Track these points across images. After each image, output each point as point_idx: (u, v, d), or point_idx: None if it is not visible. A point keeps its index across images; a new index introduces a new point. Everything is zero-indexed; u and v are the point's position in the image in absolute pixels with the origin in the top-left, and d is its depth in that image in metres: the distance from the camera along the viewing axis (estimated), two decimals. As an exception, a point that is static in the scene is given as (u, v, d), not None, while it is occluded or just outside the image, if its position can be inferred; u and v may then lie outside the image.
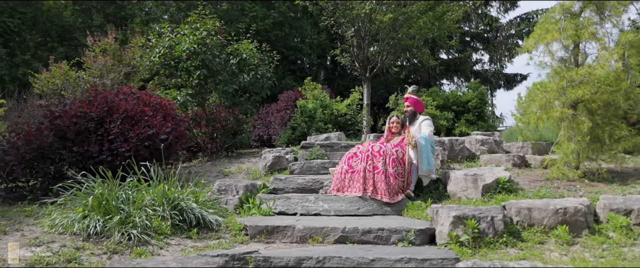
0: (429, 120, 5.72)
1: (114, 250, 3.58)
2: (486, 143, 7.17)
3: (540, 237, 3.80)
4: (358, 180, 5.00)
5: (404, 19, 12.54)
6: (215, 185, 5.26)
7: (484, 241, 3.70)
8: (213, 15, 9.31)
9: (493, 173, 5.16)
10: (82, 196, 4.21)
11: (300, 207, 4.81)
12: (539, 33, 5.92)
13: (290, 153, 7.01)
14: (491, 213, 3.81)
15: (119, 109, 5.84)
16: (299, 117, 9.77)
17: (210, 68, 8.32)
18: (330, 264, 3.23)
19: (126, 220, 3.90)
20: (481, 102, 11.41)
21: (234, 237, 4.12)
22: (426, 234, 3.91)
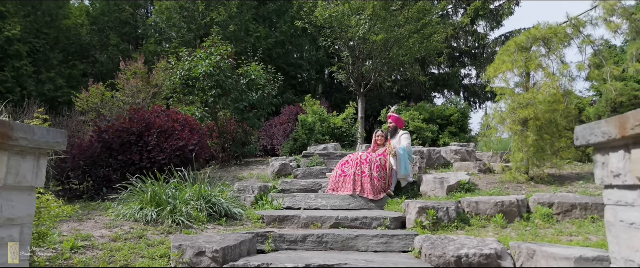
0: (407, 134, 7.06)
1: (169, 232, 4.88)
2: (459, 153, 8.49)
3: (484, 223, 5.12)
4: (349, 182, 6.32)
5: (395, 40, 13.93)
6: (236, 186, 6.57)
7: (440, 225, 5.02)
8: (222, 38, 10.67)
9: (457, 177, 6.48)
10: (138, 193, 5.52)
11: (304, 203, 6.12)
12: (497, 64, 7.30)
13: (294, 161, 8.33)
14: (447, 205, 5.14)
15: (155, 125, 7.17)
16: (300, 130, 11.11)
17: (224, 88, 9.67)
18: (326, 239, 4.55)
19: (174, 211, 5.21)
20: (463, 116, 12.76)
21: (254, 224, 5.43)
22: (399, 221, 5.22)
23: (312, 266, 3.69)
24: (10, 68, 13.58)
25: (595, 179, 1.85)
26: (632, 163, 1.55)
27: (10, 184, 1.80)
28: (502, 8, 20.96)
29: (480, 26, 22.04)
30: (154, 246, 4.37)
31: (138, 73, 9.37)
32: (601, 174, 1.80)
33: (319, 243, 4.56)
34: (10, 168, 1.78)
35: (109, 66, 17.35)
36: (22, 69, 13.84)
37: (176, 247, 3.90)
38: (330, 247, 4.55)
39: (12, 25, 13.75)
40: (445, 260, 3.81)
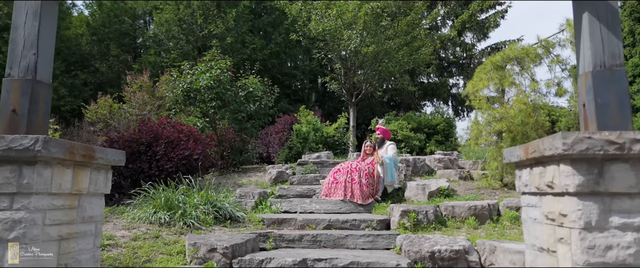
0: (393, 144, 7.76)
1: (181, 232, 5.52)
2: (442, 161, 9.20)
3: (458, 224, 5.82)
4: (341, 188, 6.99)
5: (385, 52, 14.67)
6: (237, 192, 7.23)
7: (420, 226, 5.71)
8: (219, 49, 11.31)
9: (437, 183, 7.19)
10: (150, 198, 6.16)
11: (300, 207, 6.78)
12: (475, 81, 8.03)
13: (289, 168, 8.99)
14: (427, 209, 5.84)
15: (163, 136, 7.81)
16: (295, 139, 11.78)
17: (223, 99, 10.31)
18: (320, 238, 5.22)
19: (184, 214, 5.85)
20: (448, 125, 13.49)
21: (255, 225, 6.08)
22: (384, 223, 5.90)
23: (308, 260, 4.37)
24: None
25: (516, 188, 2.54)
26: (533, 177, 2.25)
27: (91, 191, 2.45)
28: (488, 20, 21.83)
29: (468, 37, 22.91)
30: (170, 244, 5.02)
31: (143, 86, 10.00)
32: (519, 184, 2.49)
33: (313, 242, 5.24)
34: (91, 180, 2.44)
35: (109, 75, 17.94)
36: None
37: (191, 245, 4.56)
38: (324, 245, 5.22)
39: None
40: (421, 255, 4.50)
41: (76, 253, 2.33)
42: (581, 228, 1.92)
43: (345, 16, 13.94)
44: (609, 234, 1.90)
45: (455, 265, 4.47)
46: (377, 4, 13.52)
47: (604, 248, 1.88)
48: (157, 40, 17.09)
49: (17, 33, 2.42)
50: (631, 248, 1.88)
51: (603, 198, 1.93)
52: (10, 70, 2.40)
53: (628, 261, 1.87)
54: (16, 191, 2.06)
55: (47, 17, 2.48)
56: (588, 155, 1.92)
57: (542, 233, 2.23)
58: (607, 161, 1.94)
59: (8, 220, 2.04)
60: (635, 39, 16.39)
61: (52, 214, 2.16)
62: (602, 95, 2.20)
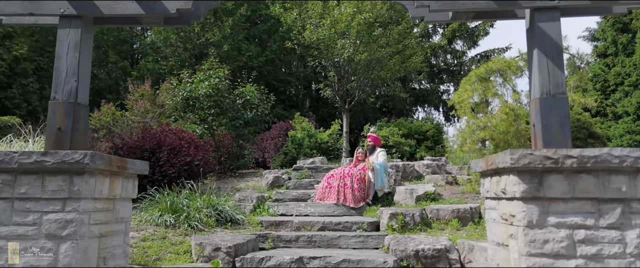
0: (384, 151, 8.24)
1: (185, 234, 5.96)
2: (430, 167, 9.69)
3: (443, 226, 6.30)
4: (334, 192, 7.46)
5: (377, 61, 15.18)
6: (236, 196, 7.67)
7: (407, 228, 6.19)
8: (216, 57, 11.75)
9: (425, 188, 7.68)
10: (155, 202, 6.59)
11: (295, 210, 7.24)
12: (460, 92, 8.55)
13: (285, 174, 9.44)
14: (413, 212, 6.32)
15: (165, 143, 8.24)
16: (290, 145, 12.24)
17: (222, 107, 10.76)
18: (315, 239, 5.68)
19: (188, 217, 6.29)
20: (438, 131, 14.02)
21: (254, 227, 6.53)
22: (374, 225, 6.37)
23: (304, 258, 4.83)
24: (18, 85, 14.49)
25: (481, 193, 3.03)
26: (492, 185, 2.73)
27: (123, 196, 2.90)
28: (477, 29, 22.46)
29: (458, 45, 23.54)
30: (177, 244, 5.46)
31: (145, 95, 10.43)
32: (482, 190, 2.98)
33: (309, 242, 5.70)
34: (123, 187, 2.89)
35: (108, 81, 18.30)
36: (29, 86, 14.76)
37: (198, 244, 5.01)
38: (318, 245, 5.69)
39: (19, 44, 14.69)
40: (406, 253, 4.98)
41: (111, 248, 2.78)
42: (525, 226, 2.40)
43: (338, 26, 14.44)
44: (546, 231, 2.38)
45: (437, 262, 4.95)
46: (370, 15, 14.03)
47: (542, 242, 2.36)
48: (155, 47, 17.50)
49: (60, 62, 2.87)
50: (563, 242, 2.36)
51: (542, 202, 2.41)
52: (55, 94, 2.85)
53: (561, 252, 2.34)
54: (68, 196, 2.50)
55: (85, 49, 2.93)
56: (530, 167, 2.40)
57: (499, 231, 2.71)
58: (546, 172, 2.42)
59: (61, 220, 2.48)
60: (618, 49, 17.07)
61: (95, 215, 2.61)
62: (547, 118, 2.69)
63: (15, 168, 2.50)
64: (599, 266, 2.32)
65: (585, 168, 2.40)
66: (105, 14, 2.93)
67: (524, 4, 2.82)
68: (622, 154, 2.38)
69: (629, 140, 14.98)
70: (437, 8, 2.81)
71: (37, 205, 2.50)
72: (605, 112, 16.58)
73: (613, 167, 2.38)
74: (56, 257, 2.44)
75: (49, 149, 2.74)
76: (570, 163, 2.38)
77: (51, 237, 2.48)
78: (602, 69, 17.28)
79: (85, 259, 2.53)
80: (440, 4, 2.79)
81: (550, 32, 2.80)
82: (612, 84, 16.74)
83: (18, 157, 2.49)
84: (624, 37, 16.86)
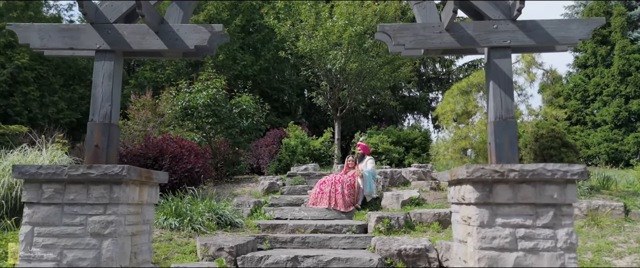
0: (372, 159, 8.85)
1: (189, 236, 6.51)
2: (417, 173, 10.30)
3: (425, 229, 6.91)
4: (326, 198, 8.04)
5: (367, 71, 15.82)
6: (234, 201, 8.22)
7: (393, 230, 6.79)
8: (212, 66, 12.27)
9: (410, 193, 8.28)
10: (160, 207, 7.12)
11: (290, 215, 7.81)
12: (443, 104, 9.20)
13: (280, 180, 10.01)
14: (398, 215, 6.92)
15: (167, 151, 8.78)
16: (284, 152, 12.81)
17: (219, 116, 11.31)
18: (308, 240, 6.26)
19: (191, 220, 6.83)
20: (425, 139, 14.66)
21: (252, 230, 7.09)
22: (362, 228, 6.96)
23: (299, 257, 5.41)
24: (19, 93, 14.94)
25: (448, 199, 3.63)
26: (455, 192, 3.34)
27: (148, 201, 3.47)
28: (465, 39, 23.20)
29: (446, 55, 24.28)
30: (182, 245, 6.01)
31: (146, 104, 10.96)
32: (449, 196, 3.58)
33: (303, 243, 6.28)
34: (148, 194, 3.45)
35: (105, 89, 18.75)
36: (30, 94, 15.21)
37: (203, 245, 5.56)
38: (311, 245, 6.27)
39: (20, 54, 15.14)
40: (390, 252, 5.58)
41: (140, 245, 3.33)
42: (478, 225, 3.00)
43: (330, 37, 15.07)
44: (494, 229, 2.98)
45: (418, 260, 5.55)
46: (361, 28, 14.67)
47: (491, 238, 2.96)
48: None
49: (97, 90, 3.44)
50: (508, 238, 2.96)
51: (492, 207, 3.01)
52: (93, 116, 3.41)
53: (505, 246, 2.95)
54: (108, 202, 3.06)
55: (116, 78, 3.50)
56: (482, 179, 3.01)
57: (460, 230, 3.31)
58: (494, 183, 3.03)
59: (103, 221, 3.03)
60: (598, 60, 17.89)
61: (128, 218, 3.17)
62: (499, 137, 3.30)
63: (65, 179, 3.06)
64: (535, 257, 2.93)
65: (525, 179, 3.01)
66: (133, 49, 3.50)
67: (481, 44, 3.44)
68: (554, 169, 2.99)
69: (606, 148, 15.75)
70: (410, 47, 3.42)
71: (83, 209, 3.06)
72: (585, 120, 17.35)
73: (547, 178, 2.99)
74: (100, 251, 2.99)
75: (88, 162, 3.30)
76: (513, 175, 2.99)
77: (95, 235, 3.03)
78: (582, 79, 18.08)
79: (123, 253, 3.08)
80: (412, 43, 3.40)
81: (503, 67, 3.42)
82: (592, 94, 17.53)
83: (68, 170, 3.05)
84: (603, 49, 17.68)
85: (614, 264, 4.86)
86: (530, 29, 3.43)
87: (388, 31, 3.47)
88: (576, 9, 21.00)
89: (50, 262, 2.97)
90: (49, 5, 18.51)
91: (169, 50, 3.51)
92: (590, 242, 5.64)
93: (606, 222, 6.42)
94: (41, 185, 3.08)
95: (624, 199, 7.51)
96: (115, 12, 3.54)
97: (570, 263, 2.91)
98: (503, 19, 3.47)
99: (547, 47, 3.55)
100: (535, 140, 9.20)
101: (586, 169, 3.05)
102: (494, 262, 2.95)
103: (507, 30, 3.44)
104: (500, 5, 3.49)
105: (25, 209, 3.09)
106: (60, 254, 2.98)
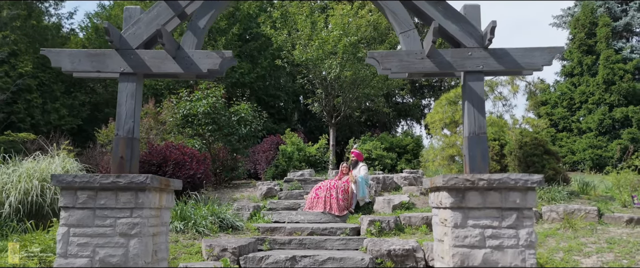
0: (365, 166, 9.36)
1: (194, 238, 6.97)
2: (407, 179, 10.81)
3: (414, 231, 7.41)
4: (321, 202, 8.53)
5: (361, 79, 16.36)
6: (235, 206, 8.70)
7: (383, 232, 7.29)
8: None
9: (400, 198, 8.79)
10: (167, 211, 7.58)
11: (287, 218, 8.30)
12: (432, 113, 9.74)
13: (277, 185, 10.49)
14: (389, 219, 7.42)
15: (171, 158, 9.24)
16: (281, 158, 13.30)
17: (218, 124, 11.79)
18: (305, 242, 6.76)
19: (195, 223, 7.30)
20: (417, 145, 15.19)
21: (252, 233, 7.56)
22: (355, 230, 7.46)
23: (297, 256, 5.91)
24: (23, 100, 15.35)
25: (429, 204, 4.14)
26: (435, 197, 3.85)
27: (166, 206, 3.96)
28: (456, 47, 23.83)
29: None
30: (188, 247, 6.48)
31: (149, 113, 11.42)
32: (430, 201, 4.09)
33: (300, 244, 6.77)
34: (166, 199, 3.94)
35: (105, 96, 19.19)
36: (33, 101, 15.63)
37: (208, 246, 6.04)
38: (308, 247, 6.76)
39: (24, 62, 15.57)
40: (381, 252, 6.08)
41: (159, 244, 3.81)
42: (452, 226, 3.51)
43: (326, 47, 15.61)
44: (466, 230, 3.49)
45: (406, 260, 6.06)
46: (355, 38, 15.21)
47: (463, 237, 3.47)
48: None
49: (121, 108, 3.92)
50: (477, 237, 3.47)
51: (464, 210, 3.52)
52: (118, 131, 3.90)
53: (475, 244, 3.46)
54: (134, 206, 3.54)
55: (138, 97, 3.99)
56: (456, 186, 3.52)
57: (439, 231, 3.82)
58: (466, 190, 3.54)
59: (130, 223, 3.51)
60: (583, 69, 18.53)
61: (150, 220, 3.65)
62: (473, 151, 3.82)
63: (96, 186, 3.54)
64: (501, 253, 3.44)
65: (493, 187, 3.52)
66: (153, 71, 3.99)
67: (458, 69, 3.96)
68: (517, 177, 3.51)
69: (590, 154, 16.35)
70: (396, 71, 3.94)
71: (112, 212, 3.54)
72: (571, 127, 17.97)
73: (511, 186, 3.51)
74: (127, 249, 3.47)
75: (114, 172, 3.78)
76: (482, 184, 3.50)
77: (123, 235, 3.51)
78: (569, 88, 18.71)
79: (146, 251, 3.56)
80: (398, 68, 3.92)
81: (476, 89, 3.94)
82: (578, 102, 18.15)
83: (99, 179, 3.53)
84: (588, 59, 18.33)
85: (581, 263, 5.39)
86: (500, 56, 3.96)
87: (377, 57, 3.99)
88: (564, 19, 21.67)
89: (84, 258, 3.45)
90: (50, 13, 18.91)
91: (185, 73, 4.01)
92: (564, 243, 6.17)
93: (580, 225, 6.95)
94: (76, 191, 3.56)
95: (599, 204, 8.05)
96: (137, 40, 4.04)
97: (529, 258, 3.42)
98: (477, 47, 4.00)
99: (514, 71, 4.08)
100: (520, 147, 9.74)
101: (543, 179, 3.57)
102: (465, 257, 3.46)
103: (480, 57, 3.97)
104: (474, 34, 4.02)
105: (62, 213, 3.57)
106: (93, 251, 3.46)
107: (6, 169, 7.25)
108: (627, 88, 16.90)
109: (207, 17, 4.11)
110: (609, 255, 5.55)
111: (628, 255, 5.52)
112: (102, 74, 4.06)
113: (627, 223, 7.08)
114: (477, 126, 3.89)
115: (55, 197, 6.94)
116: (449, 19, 4.03)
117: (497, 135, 9.98)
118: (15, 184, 6.84)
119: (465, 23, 4.02)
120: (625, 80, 17.01)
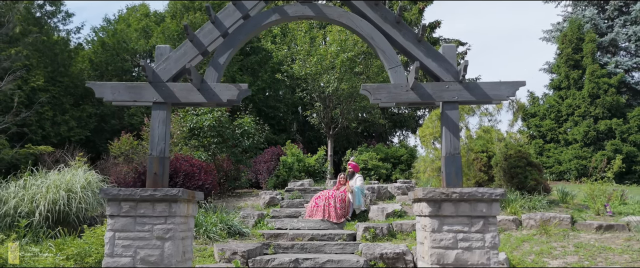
0: (361, 176, 10.12)
1: (205, 243, 7.70)
2: (401, 188, 11.57)
3: (405, 237, 8.16)
4: (320, 211, 9.27)
5: (358, 92, 17.14)
6: (240, 213, 9.43)
7: (377, 238, 8.03)
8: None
9: (393, 207, 9.54)
10: (179, 219, 8.31)
11: (289, 225, 9.03)
12: (423, 128, 10.50)
13: (279, 194, 11.23)
14: (382, 226, 8.18)
15: (181, 169, 9.98)
16: (282, 168, 14.05)
17: (223, 136, 12.55)
18: (306, 246, 7.50)
19: (206, 230, 8.03)
20: (411, 156, 15.97)
21: (258, 238, 8.29)
22: (352, 236, 8.20)
23: (299, 259, 6.65)
24: (35, 113, 16.08)
25: (413, 212, 4.89)
26: (417, 207, 4.62)
27: (191, 214, 4.71)
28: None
29: (433, 74, 25.70)
30: (201, 251, 7.21)
31: (159, 126, 12.18)
32: (414, 210, 4.85)
33: (301, 248, 7.51)
34: (192, 209, 4.70)
35: (112, 108, 19.93)
36: (44, 114, 16.36)
37: (220, 250, 6.77)
38: (309, 250, 7.50)
39: (36, 76, 16.33)
40: (374, 255, 6.82)
41: (186, 246, 4.57)
42: (431, 231, 4.27)
43: (324, 62, 16.42)
44: (442, 234, 4.25)
45: (396, 262, 6.80)
46: (352, 53, 16.03)
47: (439, 240, 4.23)
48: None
49: (154, 132, 4.68)
50: (451, 240, 4.23)
51: (440, 218, 4.28)
52: (151, 152, 4.65)
53: (449, 246, 4.22)
54: (168, 215, 4.29)
55: (167, 122, 4.75)
56: (433, 198, 4.28)
57: (420, 235, 4.58)
58: (442, 201, 4.30)
59: (165, 229, 4.26)
60: (570, 83, 19.40)
61: (180, 226, 4.39)
62: (449, 168, 4.59)
63: (137, 198, 4.29)
64: (470, 253, 4.20)
65: (464, 198, 4.28)
66: (181, 101, 4.76)
67: (437, 100, 4.75)
68: (484, 191, 4.27)
69: (576, 164, 17.16)
70: (385, 101, 4.72)
71: (150, 219, 4.29)
72: (558, 138, 18.79)
73: (478, 198, 4.28)
74: (162, 250, 4.21)
75: (149, 186, 4.54)
76: (455, 196, 4.27)
77: (159, 239, 4.25)
78: (556, 101, 19.56)
79: (178, 252, 4.31)
80: (387, 99, 4.70)
81: (452, 116, 4.72)
82: (565, 114, 18.99)
83: (140, 192, 4.28)
84: (575, 73, 19.20)
85: (548, 264, 6.14)
86: (472, 89, 4.74)
87: (369, 90, 4.78)
88: (553, 34, 22.60)
89: (128, 257, 4.19)
90: (58, 29, 19.68)
91: (207, 103, 4.78)
92: (536, 247, 6.92)
93: (554, 231, 7.71)
94: (120, 202, 4.31)
95: (573, 212, 8.82)
96: (167, 74, 4.81)
97: (493, 256, 4.18)
98: (453, 81, 4.78)
99: (484, 101, 4.86)
100: (505, 159, 10.51)
101: (506, 192, 4.35)
102: (441, 256, 4.21)
103: (455, 90, 4.76)
104: (450, 70, 4.81)
105: (108, 220, 4.32)
106: (134, 252, 4.20)
107: (34, 180, 7.98)
108: (611, 101, 17.76)
109: (226, 55, 4.90)
110: (574, 257, 6.31)
111: (590, 257, 6.28)
112: (138, 103, 4.81)
113: (596, 230, 7.84)
114: (452, 147, 4.66)
115: (80, 206, 7.68)
116: (430, 57, 4.82)
117: (485, 147, 10.75)
118: (44, 195, 7.57)
119: (443, 61, 4.81)
120: (609, 94, 17.88)
